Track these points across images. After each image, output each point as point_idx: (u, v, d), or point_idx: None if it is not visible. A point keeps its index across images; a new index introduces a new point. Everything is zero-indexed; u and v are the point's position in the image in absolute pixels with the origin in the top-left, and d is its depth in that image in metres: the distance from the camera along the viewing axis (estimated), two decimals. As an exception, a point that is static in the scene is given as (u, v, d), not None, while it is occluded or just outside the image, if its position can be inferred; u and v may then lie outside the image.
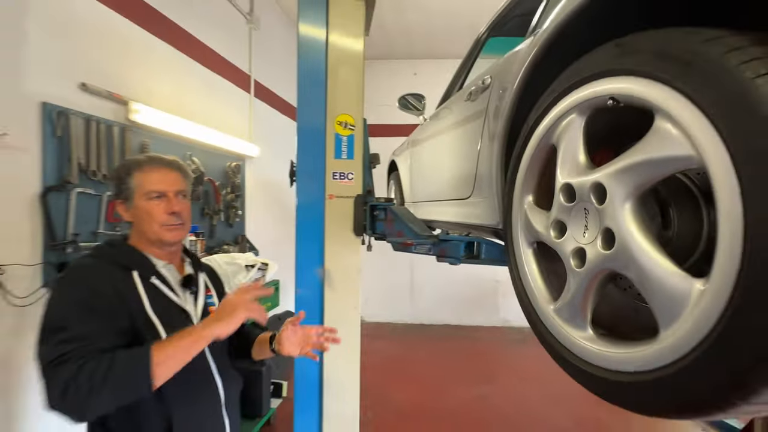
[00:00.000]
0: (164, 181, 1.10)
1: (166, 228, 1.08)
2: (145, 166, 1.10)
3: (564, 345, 0.80)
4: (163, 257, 1.13)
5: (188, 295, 1.15)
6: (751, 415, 0.59)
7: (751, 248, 0.45)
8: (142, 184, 1.08)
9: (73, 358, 0.85)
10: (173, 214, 1.09)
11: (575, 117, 0.76)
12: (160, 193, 1.08)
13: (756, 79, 0.46)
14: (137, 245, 1.10)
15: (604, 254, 0.66)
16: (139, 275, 1.04)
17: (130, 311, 0.99)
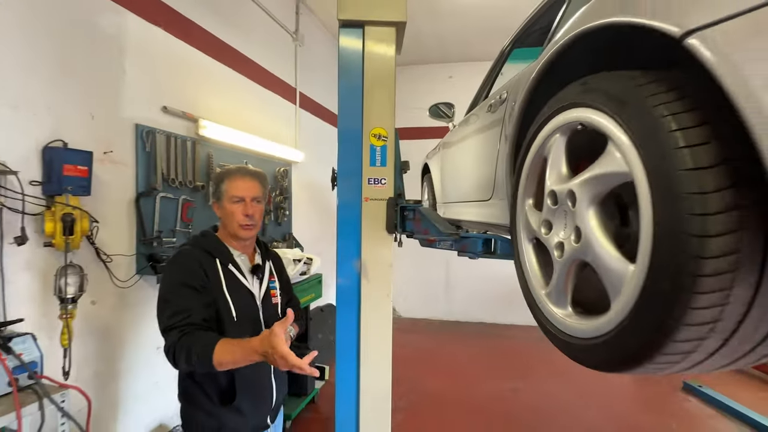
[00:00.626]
0: (244, 188, 1.40)
1: (242, 226, 1.38)
2: (233, 175, 1.42)
3: (550, 321, 0.99)
4: (239, 248, 1.44)
5: (255, 280, 1.45)
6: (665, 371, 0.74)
7: (656, 240, 0.64)
8: (229, 190, 1.39)
9: (176, 328, 1.21)
10: (248, 215, 1.38)
11: (559, 136, 0.95)
12: (240, 198, 1.38)
13: (663, 118, 0.64)
14: (222, 237, 1.43)
15: (575, 247, 0.85)
16: (220, 262, 1.36)
17: (212, 290, 1.31)
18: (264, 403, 1.44)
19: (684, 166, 0.60)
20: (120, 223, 2.12)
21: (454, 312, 5.99)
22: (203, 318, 1.26)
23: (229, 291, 1.34)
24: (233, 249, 1.43)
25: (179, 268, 1.31)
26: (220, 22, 2.94)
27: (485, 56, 5.52)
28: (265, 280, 1.49)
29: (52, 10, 1.80)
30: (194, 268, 1.30)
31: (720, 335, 0.64)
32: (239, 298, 1.36)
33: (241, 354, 1.17)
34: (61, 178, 1.69)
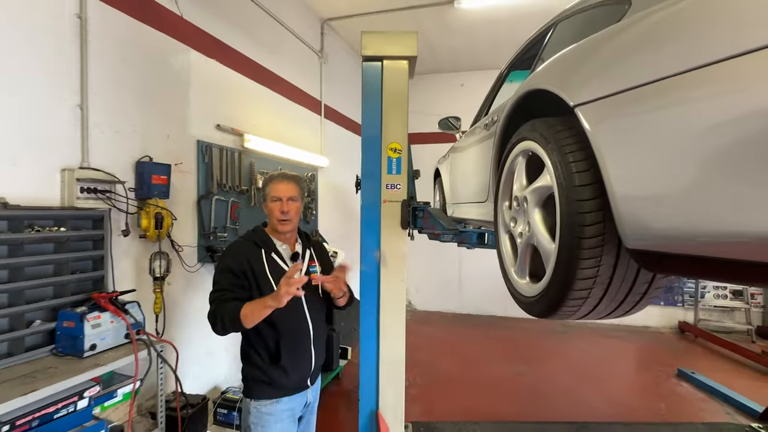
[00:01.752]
0: (282, 190, 1.68)
1: (279, 221, 1.67)
2: (274, 180, 1.72)
3: (515, 288, 1.40)
4: (282, 240, 1.73)
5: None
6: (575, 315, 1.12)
7: (562, 228, 1.04)
8: (271, 191, 1.69)
9: (216, 301, 1.56)
10: (283, 212, 1.66)
11: (521, 158, 1.36)
12: (278, 198, 1.67)
13: (567, 154, 1.05)
14: (268, 231, 1.73)
15: (527, 234, 1.26)
16: (265, 252, 1.66)
17: (255, 274, 1.61)
18: (305, 366, 1.70)
19: (575, 184, 1.01)
20: (187, 221, 2.63)
21: (466, 306, 6.36)
22: (236, 297, 1.55)
23: (271, 274, 1.62)
24: (276, 240, 1.70)
25: (227, 257, 1.64)
26: (259, 49, 3.43)
27: (493, 65, 5.90)
28: (305, 265, 1.75)
29: (138, 55, 2.32)
30: (238, 257, 1.61)
31: (600, 287, 1.05)
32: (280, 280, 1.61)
33: (256, 304, 1.48)
34: (150, 185, 2.20)
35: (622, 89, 0.86)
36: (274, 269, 1.64)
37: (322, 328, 1.83)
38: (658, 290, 1.11)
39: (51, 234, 1.78)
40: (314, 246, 1.87)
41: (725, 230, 0.67)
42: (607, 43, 1.01)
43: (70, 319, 1.72)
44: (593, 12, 1.54)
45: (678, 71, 0.72)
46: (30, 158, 1.78)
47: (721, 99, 0.65)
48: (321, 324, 1.81)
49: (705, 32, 0.71)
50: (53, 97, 1.89)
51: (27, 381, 1.48)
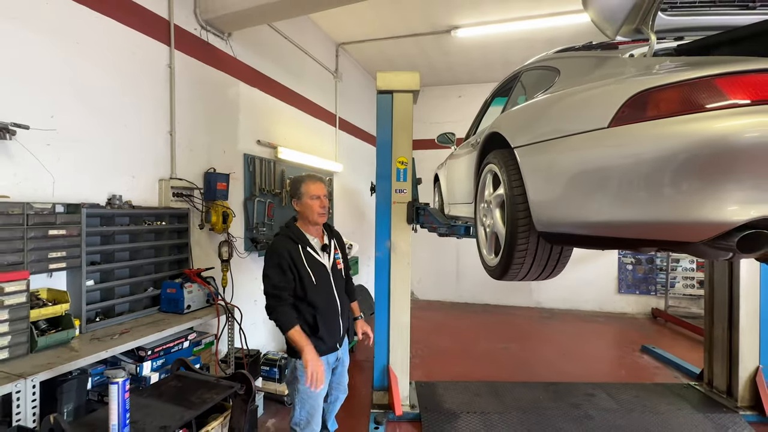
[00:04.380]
0: (319, 189, 2.05)
1: (319, 215, 2.04)
2: (309, 180, 2.06)
3: (486, 261, 2.08)
4: (312, 233, 2.07)
5: (325, 254, 2.09)
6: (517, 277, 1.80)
7: (508, 221, 1.72)
8: (308, 190, 2.02)
9: (276, 299, 1.91)
10: (323, 207, 2.05)
11: (489, 174, 2.04)
12: (317, 196, 2.03)
13: (511, 174, 1.73)
14: (300, 225, 2.05)
15: (492, 225, 1.95)
16: (301, 246, 1.99)
17: (296, 266, 1.95)
18: (335, 332, 2.09)
19: (514, 193, 1.69)
20: (238, 217, 3.33)
21: (464, 295, 7.04)
22: (289, 293, 1.93)
23: (308, 265, 1.97)
24: (308, 234, 2.03)
25: (274, 255, 1.95)
26: (288, 75, 4.12)
27: (488, 79, 6.60)
28: (332, 254, 2.12)
29: (205, 90, 3.01)
30: (283, 253, 1.93)
31: (530, 257, 1.73)
32: (316, 269, 2.00)
33: (299, 339, 1.88)
34: (215, 190, 2.89)
35: (535, 141, 1.54)
36: (310, 261, 2.01)
37: (346, 302, 2.23)
38: (566, 259, 1.79)
39: (156, 227, 2.47)
40: (336, 237, 2.26)
41: (578, 219, 1.36)
42: (533, 109, 1.70)
43: (173, 287, 2.41)
44: (540, 71, 2.23)
45: (558, 135, 1.40)
46: (141, 172, 2.48)
47: (573, 153, 1.33)
48: (345, 299, 2.21)
49: (568, 117, 1.40)
50: (154, 127, 2.58)
51: (155, 325, 2.18)
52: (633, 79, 1.27)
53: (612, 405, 3.18)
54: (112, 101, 2.32)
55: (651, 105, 1.15)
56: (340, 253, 2.22)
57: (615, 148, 1.22)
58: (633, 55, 1.59)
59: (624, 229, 1.22)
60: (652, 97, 1.15)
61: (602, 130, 1.25)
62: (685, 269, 6.03)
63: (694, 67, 1.15)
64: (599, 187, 1.24)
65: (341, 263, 2.17)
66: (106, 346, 1.86)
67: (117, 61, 2.35)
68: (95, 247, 2.16)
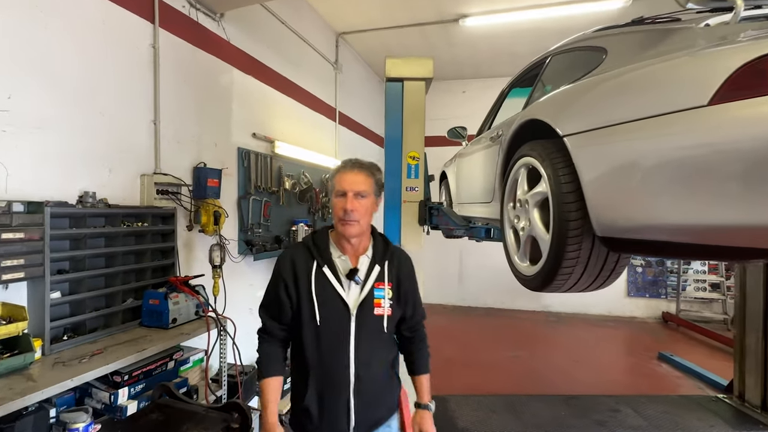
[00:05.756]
0: (348, 182, 1.28)
1: (341, 221, 1.26)
2: (343, 169, 1.32)
3: (518, 269, 1.81)
4: (343, 248, 1.31)
5: (352, 286, 1.27)
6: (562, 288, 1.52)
7: (554, 223, 1.45)
8: (335, 183, 1.31)
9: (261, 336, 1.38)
10: (346, 210, 1.25)
11: (523, 169, 1.76)
12: (342, 192, 1.27)
13: (558, 168, 1.45)
14: (333, 235, 1.35)
15: (528, 228, 1.67)
16: (317, 262, 1.29)
17: (299, 290, 1.28)
18: (338, 421, 1.27)
19: (563, 191, 1.41)
20: (231, 218, 3.01)
21: (466, 299, 6.79)
22: (279, 326, 1.34)
23: (317, 294, 1.24)
24: (336, 248, 1.32)
25: (277, 264, 1.36)
26: (285, 64, 3.82)
27: (493, 74, 6.33)
28: (367, 287, 1.29)
29: (194, 75, 2.69)
30: (285, 266, 1.31)
31: (581, 265, 1.45)
32: (326, 303, 1.25)
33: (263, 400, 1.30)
34: (205, 187, 2.58)
35: (595, 127, 1.27)
36: (321, 287, 1.27)
37: (378, 373, 1.33)
38: (622, 268, 1.52)
39: (137, 228, 2.16)
40: (393, 260, 1.41)
41: (657, 222, 1.09)
42: (587, 91, 1.43)
43: (156, 297, 2.10)
44: (578, 53, 1.96)
45: (626, 120, 1.13)
46: (120, 166, 2.17)
47: (647, 141, 1.06)
48: (375, 367, 1.31)
49: (648, 95, 1.13)
50: (134, 114, 2.27)
51: (135, 344, 1.87)
52: (740, 45, 1.01)
53: (640, 422, 2.94)
54: (86, 83, 2.00)
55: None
56: (390, 291, 1.35)
57: (721, 131, 0.95)
58: (709, 24, 1.33)
59: (734, 236, 0.96)
60: (777, 64, 0.88)
61: (700, 108, 0.99)
62: (697, 272, 5.83)
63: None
64: (698, 181, 0.98)
65: (383, 307, 1.31)
66: (73, 373, 1.55)
67: (91, 36, 2.03)
68: (63, 252, 1.84)
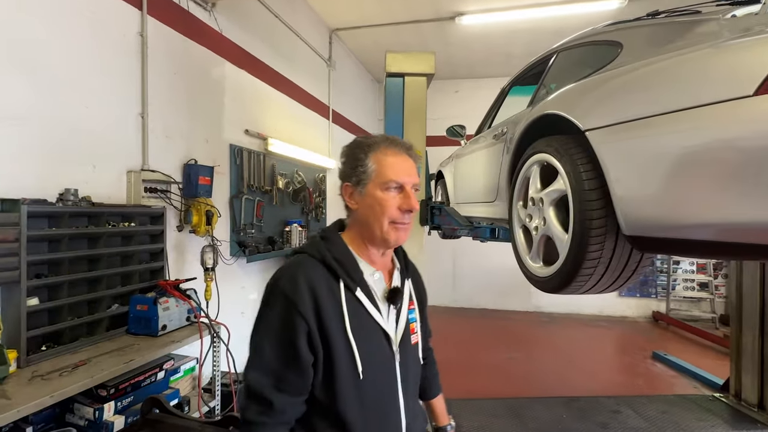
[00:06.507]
0: (406, 170, 0.92)
1: (394, 226, 0.90)
2: (387, 148, 0.92)
3: (530, 270, 1.74)
4: (375, 262, 0.94)
5: (392, 312, 0.93)
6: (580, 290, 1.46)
7: (575, 222, 1.38)
8: (383, 169, 0.90)
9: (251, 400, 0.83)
10: (409, 211, 0.91)
11: (535, 167, 1.69)
12: (398, 185, 0.90)
13: (578, 165, 1.39)
14: (351, 241, 0.94)
15: (543, 227, 1.60)
16: (345, 286, 0.87)
17: (328, 330, 0.83)
18: None
19: (585, 188, 1.35)
20: (222, 218, 2.87)
21: (459, 300, 6.74)
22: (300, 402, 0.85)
23: (353, 332, 0.85)
24: (365, 263, 0.93)
25: (284, 297, 0.84)
26: (278, 59, 3.69)
27: (485, 74, 6.31)
28: (404, 311, 0.96)
29: (185, 67, 2.55)
30: (304, 299, 0.83)
31: (603, 266, 1.39)
32: (369, 344, 0.87)
33: None
34: (197, 185, 2.44)
35: (622, 120, 1.20)
36: (359, 322, 0.87)
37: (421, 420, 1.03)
38: (644, 268, 1.46)
39: (123, 229, 2.01)
40: (413, 275, 1.11)
41: (692, 220, 1.02)
42: (610, 83, 1.36)
43: (144, 303, 1.96)
44: (590, 48, 1.90)
45: (658, 112, 1.07)
46: (104, 162, 2.01)
47: (685, 133, 1.00)
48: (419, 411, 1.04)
49: (682, 86, 1.07)
50: (121, 107, 2.12)
51: (121, 354, 1.73)
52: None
53: (641, 423, 2.91)
54: (67, 72, 1.85)
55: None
56: (417, 311, 1.07)
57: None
58: (736, 15, 1.28)
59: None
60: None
61: (745, 99, 0.93)
62: (686, 271, 5.92)
63: None
64: (745, 175, 0.92)
65: (416, 332, 1.02)
66: (53, 388, 1.41)
67: (72, 21, 1.88)
68: (41, 255, 1.69)
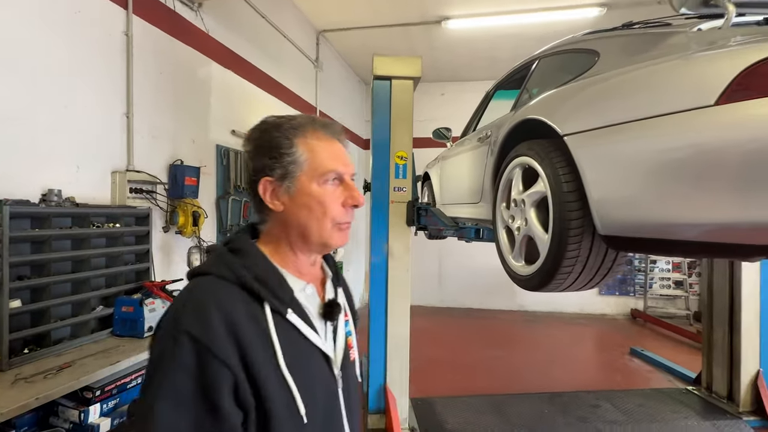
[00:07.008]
0: (344, 158, 0.74)
1: (338, 227, 0.73)
2: (321, 133, 0.73)
3: (513, 269, 1.80)
4: (306, 275, 0.75)
5: (329, 330, 0.76)
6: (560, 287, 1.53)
7: (554, 223, 1.45)
8: (318, 158, 0.71)
9: None
10: (356, 206, 0.74)
11: (518, 169, 1.76)
12: (339, 176, 0.73)
13: (558, 168, 1.45)
14: (272, 252, 0.73)
15: (525, 228, 1.67)
16: (272, 309, 0.66)
17: (257, 376, 0.62)
18: None
19: (563, 190, 1.41)
20: (209, 219, 2.86)
21: (446, 300, 6.83)
22: None
23: (291, 368, 0.65)
24: (293, 277, 0.73)
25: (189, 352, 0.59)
26: (265, 59, 3.68)
27: (471, 77, 6.43)
28: (341, 327, 0.78)
29: (171, 67, 2.54)
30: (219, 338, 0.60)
31: (580, 264, 1.46)
32: (309, 376, 0.69)
33: None
34: (183, 186, 2.43)
35: (597, 126, 1.27)
36: (294, 351, 0.68)
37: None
38: (620, 267, 1.54)
39: (108, 230, 1.99)
40: (342, 279, 0.87)
41: (662, 221, 1.09)
42: (587, 91, 1.43)
43: (130, 304, 1.94)
44: (569, 56, 1.98)
45: (631, 119, 1.14)
46: (89, 162, 1.99)
47: (655, 139, 1.07)
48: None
49: (651, 95, 1.14)
50: (105, 106, 2.10)
51: (107, 355, 1.71)
52: (742, 48, 1.03)
53: (619, 416, 3.02)
54: (51, 72, 1.83)
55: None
56: (352, 323, 0.85)
57: (726, 131, 0.97)
58: (701, 29, 1.37)
59: (743, 234, 0.97)
60: (784, 66, 0.91)
61: (706, 108, 1.01)
62: (662, 270, 6.15)
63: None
64: (706, 178, 0.99)
65: (354, 346, 0.84)
66: (37, 391, 1.39)
67: (56, 20, 1.85)
68: (23, 257, 1.66)
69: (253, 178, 0.72)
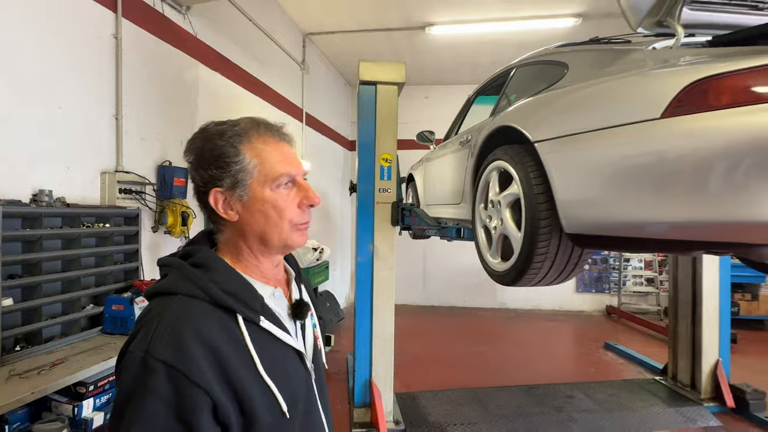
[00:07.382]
0: (293, 159, 0.74)
1: (297, 228, 0.73)
2: (266, 136, 0.74)
3: (490, 266, 1.92)
4: (271, 279, 0.76)
5: (297, 327, 0.77)
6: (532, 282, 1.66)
7: (526, 222, 1.57)
8: (268, 163, 0.70)
9: None
10: (312, 206, 0.74)
11: (495, 172, 1.88)
12: (291, 178, 0.72)
13: (529, 171, 1.58)
14: (235, 262, 0.72)
15: (501, 227, 1.79)
16: (245, 319, 0.66)
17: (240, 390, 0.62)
18: None
19: (534, 192, 1.54)
20: (198, 219, 2.89)
21: (430, 298, 6.97)
22: None
23: (269, 372, 0.66)
24: (260, 283, 0.73)
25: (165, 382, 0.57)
26: (252, 62, 3.73)
27: (454, 81, 6.59)
28: (309, 323, 0.81)
29: (159, 69, 2.57)
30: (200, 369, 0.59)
31: (549, 260, 1.58)
32: (286, 375, 0.70)
33: None
34: (171, 186, 2.47)
35: (562, 135, 1.40)
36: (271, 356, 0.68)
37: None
38: (584, 263, 1.68)
39: (98, 230, 2.02)
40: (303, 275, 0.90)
41: (620, 219, 1.23)
42: (555, 102, 1.57)
43: (120, 302, 1.98)
44: (542, 67, 2.12)
45: (592, 128, 1.27)
46: (78, 163, 2.02)
47: (611, 148, 1.20)
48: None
49: (607, 108, 1.27)
50: (95, 108, 2.12)
51: (98, 352, 1.75)
52: (684, 68, 1.17)
53: (591, 405, 3.20)
54: (41, 74, 1.85)
55: (715, 93, 1.05)
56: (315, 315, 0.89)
57: (669, 141, 1.11)
58: (656, 48, 1.52)
59: (682, 231, 1.11)
60: (716, 85, 1.05)
61: (653, 121, 1.14)
62: (635, 268, 6.44)
63: (751, 56, 1.07)
64: (653, 183, 1.13)
65: (318, 335, 0.86)
66: (32, 386, 1.43)
67: (47, 22, 1.88)
68: (14, 256, 1.69)
69: (202, 190, 0.70)
